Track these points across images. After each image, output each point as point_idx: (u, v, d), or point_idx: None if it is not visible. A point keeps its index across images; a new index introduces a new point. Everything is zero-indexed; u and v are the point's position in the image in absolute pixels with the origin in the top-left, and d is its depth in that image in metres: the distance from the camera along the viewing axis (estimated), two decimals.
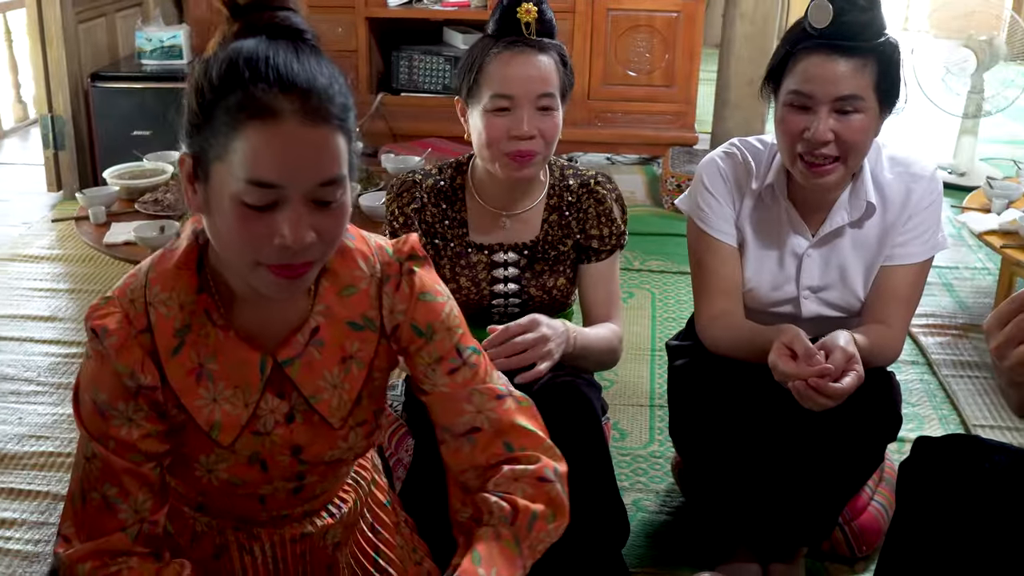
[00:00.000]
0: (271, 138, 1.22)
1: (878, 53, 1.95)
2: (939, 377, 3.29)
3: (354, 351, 1.45)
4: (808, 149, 1.98)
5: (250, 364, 1.40)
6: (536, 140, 2.02)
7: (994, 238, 3.54)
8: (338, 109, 1.26)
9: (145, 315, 1.35)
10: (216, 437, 1.40)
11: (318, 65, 1.27)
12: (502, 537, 1.38)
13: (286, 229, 1.25)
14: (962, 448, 1.72)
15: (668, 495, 2.63)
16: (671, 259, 4.19)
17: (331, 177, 1.26)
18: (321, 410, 1.44)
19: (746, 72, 5.11)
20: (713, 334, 2.13)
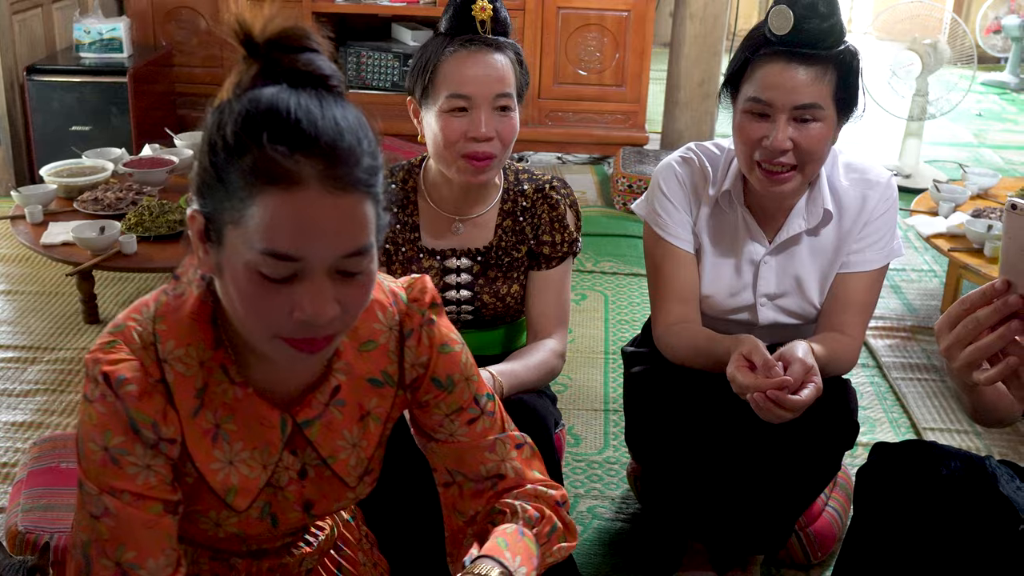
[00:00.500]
0: (290, 207, 1.11)
1: (837, 61, 1.93)
2: (889, 380, 3.30)
3: (372, 407, 1.40)
4: (766, 157, 1.96)
5: (270, 424, 1.32)
6: (494, 142, 1.98)
7: (941, 241, 3.56)
8: (365, 173, 1.15)
9: (158, 366, 1.25)
10: (231, 502, 1.32)
11: (344, 120, 1.15)
12: (525, 535, 1.37)
13: (307, 304, 1.15)
14: (919, 454, 1.72)
15: (624, 502, 2.60)
16: (623, 260, 4.17)
17: (357, 248, 1.16)
18: (339, 470, 1.39)
19: (695, 72, 5.12)
20: (670, 342, 2.10)
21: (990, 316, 1.27)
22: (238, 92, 1.17)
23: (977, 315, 1.28)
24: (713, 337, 2.02)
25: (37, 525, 2.14)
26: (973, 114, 6.99)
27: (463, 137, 1.96)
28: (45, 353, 3.24)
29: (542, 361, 2.07)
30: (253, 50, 1.18)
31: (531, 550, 1.36)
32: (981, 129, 6.71)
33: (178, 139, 4.12)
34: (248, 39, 1.18)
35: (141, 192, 3.50)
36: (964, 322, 1.29)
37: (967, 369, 1.31)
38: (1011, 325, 1.26)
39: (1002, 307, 1.26)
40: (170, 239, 3.22)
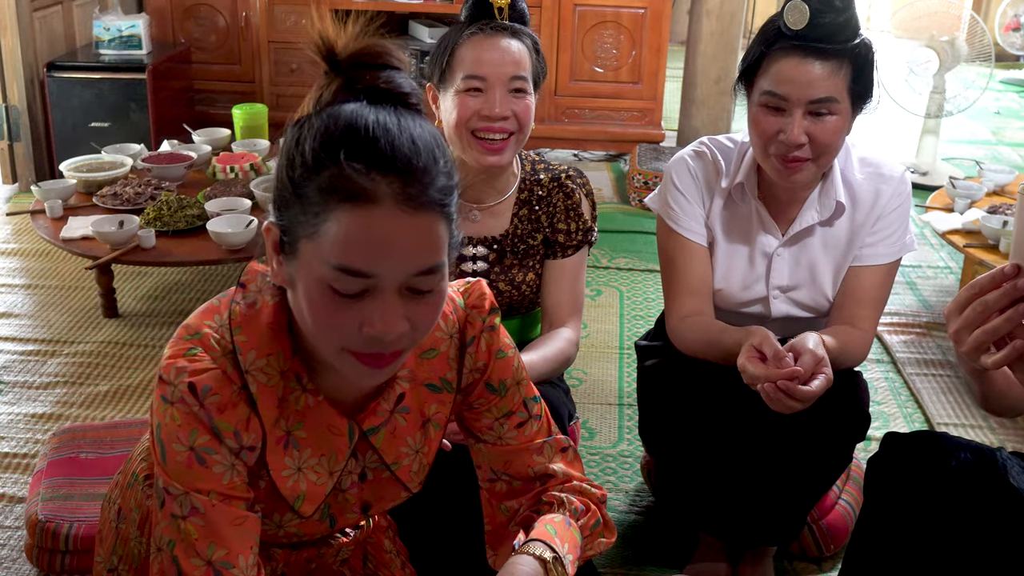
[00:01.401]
0: (365, 224, 1.12)
1: (852, 55, 1.94)
2: (904, 375, 3.30)
3: (432, 413, 1.42)
4: (781, 151, 1.97)
5: (338, 432, 1.34)
6: (510, 120, 2.02)
7: (957, 237, 3.56)
8: (439, 192, 1.16)
9: (239, 374, 1.25)
10: (298, 508, 1.34)
11: (421, 138, 1.17)
12: (572, 526, 1.41)
13: (376, 320, 1.16)
14: (929, 445, 1.73)
15: (637, 494, 2.62)
16: (638, 256, 4.18)
17: (428, 267, 1.17)
18: (402, 476, 1.41)
19: (712, 69, 5.12)
20: (683, 334, 2.11)
21: (999, 299, 1.28)
22: (318, 108, 1.19)
23: (986, 298, 1.29)
24: (725, 329, 2.04)
25: (57, 514, 2.17)
26: (991, 112, 6.97)
27: (476, 115, 2.00)
28: (64, 346, 3.27)
29: (558, 350, 2.09)
30: (335, 66, 1.20)
31: (576, 540, 1.40)
32: (999, 127, 6.69)
33: (196, 135, 4.15)
34: (331, 55, 1.20)
35: (160, 187, 3.53)
36: (973, 305, 1.30)
37: (975, 352, 1.31)
38: (1019, 308, 1.27)
39: (1011, 290, 1.27)
40: (189, 233, 3.25)
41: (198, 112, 5.13)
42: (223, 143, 4.11)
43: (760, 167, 2.08)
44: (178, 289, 3.72)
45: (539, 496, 1.47)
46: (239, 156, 3.76)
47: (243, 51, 5.23)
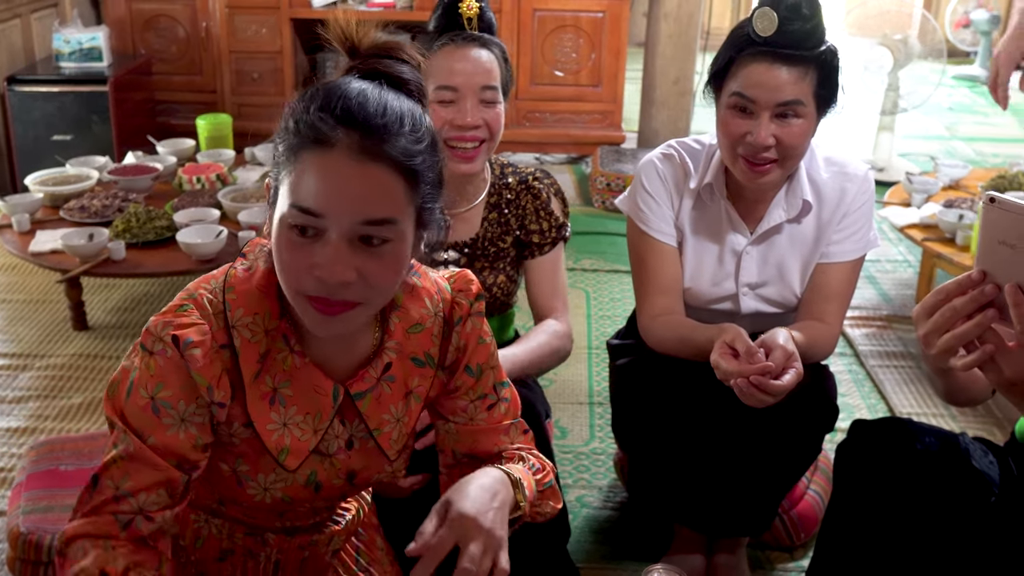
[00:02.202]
0: (320, 166, 1.23)
1: (819, 61, 2.00)
2: (866, 367, 3.37)
3: (414, 386, 1.48)
4: (749, 152, 2.03)
5: (323, 392, 1.41)
6: (481, 129, 2.06)
7: (915, 231, 3.64)
8: (397, 150, 1.26)
9: (226, 332, 1.34)
10: (283, 461, 1.40)
11: (396, 106, 1.27)
12: (531, 474, 1.50)
13: (323, 262, 1.24)
14: (895, 431, 1.80)
15: (611, 490, 2.67)
16: (603, 257, 4.23)
17: (377, 217, 1.25)
18: (382, 443, 1.47)
19: (671, 71, 5.19)
20: (655, 332, 2.16)
21: (967, 305, 1.32)
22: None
23: (954, 304, 1.34)
24: (696, 327, 2.09)
25: (38, 526, 2.18)
26: (944, 107, 7.10)
27: (448, 125, 2.05)
28: (35, 360, 3.27)
29: (543, 344, 2.14)
30: (353, 53, 1.34)
31: (533, 488, 1.48)
32: (952, 122, 6.81)
33: (160, 146, 4.16)
34: (352, 48, 1.35)
35: (127, 199, 3.54)
36: (941, 311, 1.35)
37: (944, 355, 1.36)
38: (987, 314, 1.31)
39: (979, 296, 1.32)
40: (158, 245, 3.26)
41: (160, 123, 5.13)
42: (188, 154, 4.12)
43: (728, 167, 2.13)
44: (147, 301, 3.73)
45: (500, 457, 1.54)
46: (205, 167, 3.77)
47: (204, 61, 5.23)
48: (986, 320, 1.32)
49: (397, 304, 1.45)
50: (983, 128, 6.72)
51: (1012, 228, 1.28)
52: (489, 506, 1.37)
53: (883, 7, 5.47)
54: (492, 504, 1.37)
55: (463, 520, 1.33)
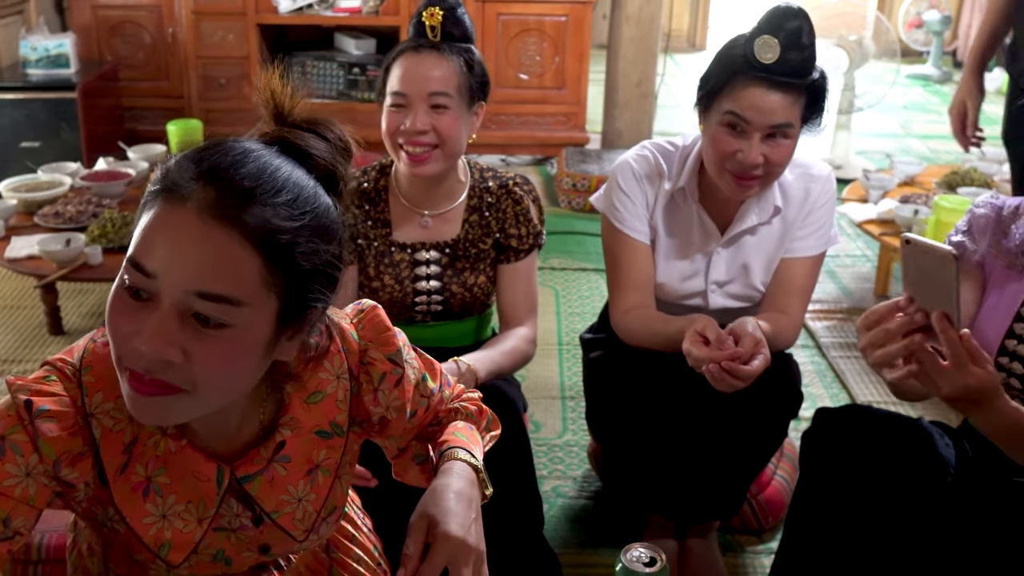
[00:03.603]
0: (163, 221, 1.07)
1: (811, 88, 2.11)
2: (828, 359, 3.48)
3: (321, 460, 1.35)
4: (737, 169, 2.12)
5: (205, 478, 1.26)
6: (430, 135, 2.13)
7: (872, 226, 3.76)
8: (258, 220, 1.08)
9: (86, 425, 1.19)
10: (165, 556, 1.27)
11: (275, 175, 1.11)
12: (472, 429, 1.50)
13: (145, 331, 1.07)
14: (857, 417, 1.90)
15: (585, 481, 2.75)
16: (571, 256, 4.32)
17: (213, 292, 1.07)
18: (284, 524, 1.34)
19: (633, 73, 5.29)
20: (628, 326, 2.25)
21: (899, 328, 1.52)
22: None
23: (887, 326, 1.52)
24: (667, 319, 2.18)
25: None
26: (899, 106, 7.25)
27: (398, 130, 2.13)
28: (12, 366, 3.31)
29: (514, 347, 2.22)
30: (279, 119, 1.22)
31: (479, 440, 1.50)
32: (907, 120, 6.97)
33: (131, 152, 4.20)
34: (279, 115, 1.22)
35: (101, 205, 3.58)
36: (876, 331, 1.53)
37: (878, 367, 1.56)
38: (914, 339, 1.51)
39: (908, 322, 1.51)
40: None
41: (127, 129, 5.15)
42: (159, 159, 4.16)
43: (702, 172, 2.23)
44: None
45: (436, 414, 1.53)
46: None
47: (171, 67, 5.25)
48: (913, 345, 1.51)
49: (290, 371, 1.29)
50: (936, 126, 6.88)
51: (928, 263, 1.47)
52: (470, 519, 1.33)
53: (839, 9, 5.60)
54: (471, 515, 1.34)
55: (450, 542, 1.29)
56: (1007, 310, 1.92)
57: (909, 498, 1.83)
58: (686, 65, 8.15)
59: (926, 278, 1.49)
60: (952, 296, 1.47)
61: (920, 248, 1.48)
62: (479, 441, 1.50)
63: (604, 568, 2.41)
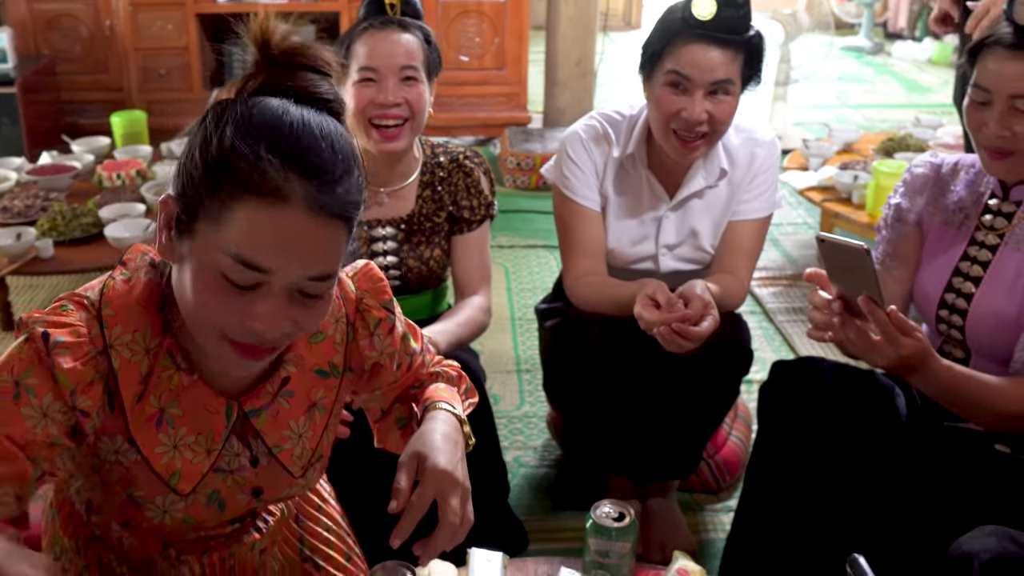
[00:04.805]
0: (272, 221, 1.13)
1: (748, 44, 2.18)
2: (775, 323, 3.58)
3: (319, 398, 1.42)
4: (683, 127, 2.19)
5: (215, 411, 1.33)
6: (402, 107, 2.17)
7: (814, 193, 3.86)
8: (350, 205, 1.18)
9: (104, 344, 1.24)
10: (175, 485, 1.33)
11: (341, 149, 1.18)
12: (452, 390, 1.55)
13: (262, 317, 1.17)
14: (812, 368, 1.98)
15: (546, 449, 2.81)
16: (518, 234, 4.38)
17: (324, 273, 1.18)
18: (284, 460, 1.40)
19: (572, 52, 5.35)
20: (581, 292, 2.31)
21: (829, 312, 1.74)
22: (243, 96, 1.20)
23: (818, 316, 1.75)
24: (619, 284, 2.24)
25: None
26: (833, 77, 7.38)
27: (371, 103, 2.16)
28: None
29: (470, 318, 2.27)
30: (267, 58, 1.21)
31: (459, 400, 1.55)
32: (842, 91, 7.10)
33: (75, 145, 4.17)
34: (265, 46, 1.21)
35: (48, 199, 3.56)
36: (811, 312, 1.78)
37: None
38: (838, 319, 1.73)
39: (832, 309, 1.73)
40: (85, 242, 3.30)
41: (68, 123, 5.11)
42: (104, 151, 4.14)
43: (649, 138, 2.30)
44: None
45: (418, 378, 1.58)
46: (124, 163, 3.80)
47: (110, 60, 5.21)
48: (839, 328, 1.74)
49: None
50: (870, 96, 7.03)
51: (845, 257, 1.64)
52: (456, 458, 1.39)
53: None
54: (457, 455, 1.40)
55: (439, 475, 1.34)
56: (945, 266, 2.00)
57: (864, 446, 1.91)
58: (623, 43, 8.23)
59: (847, 269, 1.66)
60: (873, 281, 1.63)
61: (835, 245, 1.64)
62: (460, 400, 1.55)
63: (569, 532, 2.47)
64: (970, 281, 1.96)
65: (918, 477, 1.90)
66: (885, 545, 1.91)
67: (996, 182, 1.96)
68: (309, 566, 1.63)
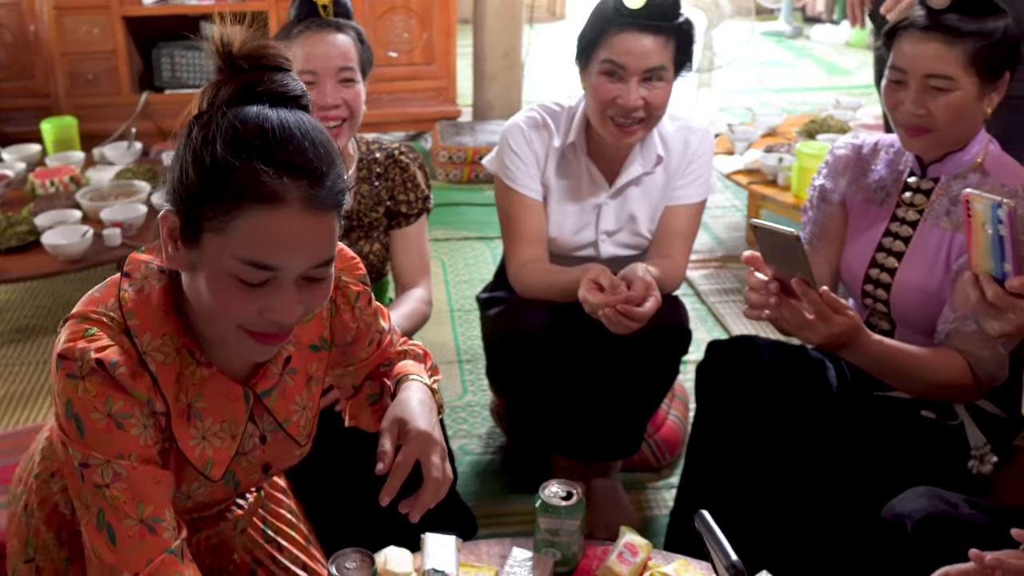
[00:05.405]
0: (274, 223, 1.22)
1: (678, 30, 2.26)
2: (708, 304, 3.68)
3: (313, 372, 1.53)
4: (619, 114, 2.26)
5: (235, 398, 1.43)
6: (341, 108, 2.22)
7: (740, 176, 3.96)
8: (338, 194, 1.28)
9: (136, 351, 1.31)
10: (208, 473, 1.42)
11: (321, 144, 1.26)
12: (420, 366, 1.66)
13: (278, 307, 1.27)
14: (747, 345, 2.07)
15: (490, 437, 2.88)
16: (452, 227, 4.43)
17: (326, 259, 1.29)
18: (292, 432, 1.51)
19: (500, 45, 5.40)
20: (524, 280, 2.38)
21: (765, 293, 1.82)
22: (219, 107, 1.26)
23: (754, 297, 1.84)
24: (562, 270, 2.31)
25: None
26: (756, 63, 7.52)
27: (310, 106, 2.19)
28: None
29: (413, 310, 2.32)
30: (231, 64, 1.28)
31: (426, 374, 1.65)
32: (764, 76, 7.24)
33: (5, 153, 4.13)
34: (228, 53, 1.27)
35: None
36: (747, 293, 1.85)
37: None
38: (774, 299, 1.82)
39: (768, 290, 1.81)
40: (21, 250, 3.27)
41: None
42: (35, 159, 4.11)
43: (588, 128, 2.37)
44: (8, 308, 3.74)
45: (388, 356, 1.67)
46: (56, 170, 3.78)
47: (35, 65, 5.12)
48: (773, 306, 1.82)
49: None
50: (792, 79, 7.17)
51: (777, 242, 1.74)
52: (433, 421, 1.51)
53: None
54: (433, 419, 1.52)
55: (420, 436, 1.46)
56: (869, 243, 2.10)
57: (798, 418, 2.00)
58: (549, 34, 8.30)
59: (781, 254, 1.76)
60: (805, 264, 1.73)
61: (768, 231, 1.74)
62: (427, 375, 1.65)
63: (516, 516, 2.54)
64: (893, 256, 2.05)
65: (850, 445, 2.00)
66: (822, 511, 2.00)
67: (914, 160, 2.05)
68: (272, 547, 1.71)
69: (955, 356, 1.91)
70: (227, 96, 1.27)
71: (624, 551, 1.73)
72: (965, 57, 1.87)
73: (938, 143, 1.97)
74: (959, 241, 1.95)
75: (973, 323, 1.87)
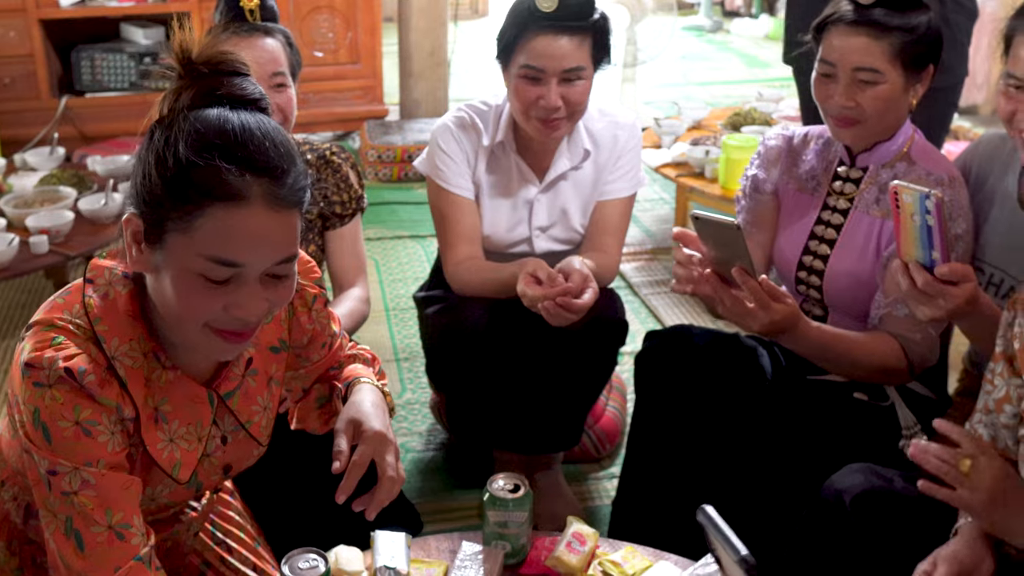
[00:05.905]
0: (238, 221, 1.25)
1: (594, 28, 2.28)
2: (640, 296, 3.73)
3: (274, 372, 1.56)
4: (542, 115, 2.29)
5: (200, 400, 1.45)
6: (276, 114, 2.19)
7: (668, 170, 4.00)
8: (300, 191, 1.31)
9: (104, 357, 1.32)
10: (176, 475, 1.44)
11: (282, 144, 1.29)
12: (370, 368, 1.69)
13: (243, 303, 1.29)
14: (683, 335, 2.10)
15: (431, 434, 2.89)
16: (385, 226, 4.42)
17: (289, 256, 1.31)
18: (254, 432, 1.54)
19: (425, 43, 5.41)
20: (461, 278, 2.39)
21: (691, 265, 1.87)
22: (181, 111, 1.29)
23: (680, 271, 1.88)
24: (499, 266, 2.33)
25: None
26: (678, 57, 7.61)
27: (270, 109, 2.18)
28: None
29: (352, 309, 2.33)
30: (190, 71, 1.30)
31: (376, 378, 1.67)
32: (687, 70, 7.34)
33: None
34: (187, 59, 1.30)
35: None
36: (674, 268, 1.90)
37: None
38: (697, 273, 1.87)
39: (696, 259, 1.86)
40: None
41: None
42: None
43: (516, 125, 2.39)
44: None
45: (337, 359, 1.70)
46: None
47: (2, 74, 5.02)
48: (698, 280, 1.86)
49: None
50: (714, 73, 7.28)
51: (718, 232, 1.79)
52: (386, 422, 1.55)
53: None
54: (386, 420, 1.56)
55: (376, 436, 1.50)
56: (801, 231, 2.16)
57: (735, 403, 2.04)
58: (472, 31, 8.31)
59: (721, 243, 1.80)
60: (745, 253, 1.77)
61: (709, 221, 1.78)
62: (375, 378, 1.67)
63: (462, 510, 2.56)
64: (825, 244, 2.11)
65: (787, 428, 2.04)
66: (762, 492, 2.05)
67: (844, 150, 2.11)
68: (222, 549, 1.72)
69: (889, 340, 1.97)
70: (188, 100, 1.30)
71: (572, 540, 1.76)
72: (891, 51, 1.93)
73: (867, 133, 2.02)
74: (889, 228, 2.01)
75: (905, 308, 1.93)
